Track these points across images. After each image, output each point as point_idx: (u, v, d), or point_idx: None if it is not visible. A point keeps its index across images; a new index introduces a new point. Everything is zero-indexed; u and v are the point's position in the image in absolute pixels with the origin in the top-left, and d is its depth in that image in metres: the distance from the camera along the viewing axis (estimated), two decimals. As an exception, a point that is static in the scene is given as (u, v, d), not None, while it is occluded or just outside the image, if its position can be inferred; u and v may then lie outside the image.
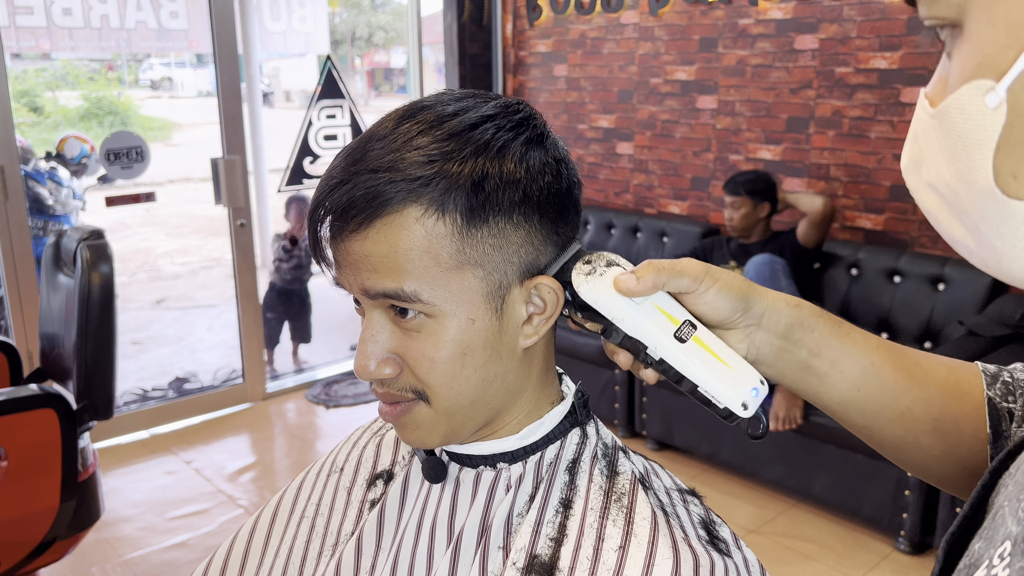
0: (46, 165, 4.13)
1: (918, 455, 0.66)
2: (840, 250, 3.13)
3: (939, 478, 0.68)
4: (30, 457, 1.86)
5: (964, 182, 0.42)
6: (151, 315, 5.53)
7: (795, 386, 0.66)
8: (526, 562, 0.61)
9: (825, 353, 0.64)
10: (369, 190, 0.58)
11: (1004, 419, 0.63)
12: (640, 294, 0.61)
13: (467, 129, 0.60)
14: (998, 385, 0.65)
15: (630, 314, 0.61)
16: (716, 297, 0.62)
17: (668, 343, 0.61)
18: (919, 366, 0.66)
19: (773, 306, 0.64)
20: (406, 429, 0.65)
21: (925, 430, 0.65)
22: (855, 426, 0.67)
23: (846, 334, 0.65)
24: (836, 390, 0.65)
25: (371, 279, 0.59)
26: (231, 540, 0.80)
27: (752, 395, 0.61)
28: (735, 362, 0.62)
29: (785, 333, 0.64)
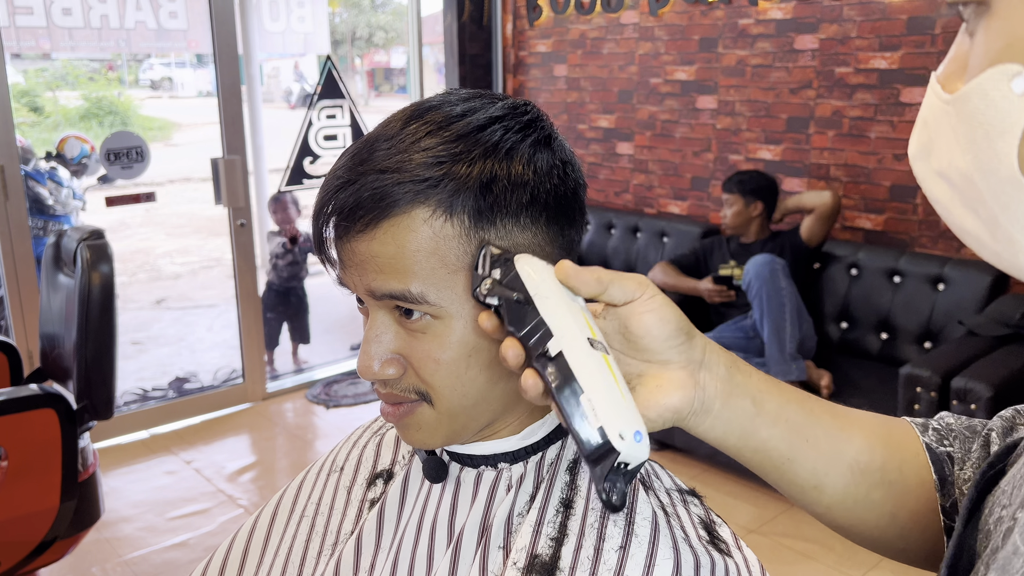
0: (46, 165, 4.13)
1: (872, 516, 0.62)
2: (840, 250, 3.13)
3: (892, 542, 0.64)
4: (30, 457, 1.86)
5: (984, 171, 0.40)
6: (151, 315, 5.53)
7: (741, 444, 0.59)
8: (527, 562, 0.61)
9: (767, 400, 0.58)
10: (376, 191, 0.58)
11: (946, 463, 0.62)
12: (580, 284, 0.55)
13: (475, 131, 0.59)
14: (930, 432, 0.63)
15: (555, 299, 0.55)
16: (662, 307, 0.55)
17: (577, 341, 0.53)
18: (850, 415, 0.63)
19: (710, 345, 0.58)
20: (409, 430, 0.65)
21: (874, 482, 0.61)
22: (806, 488, 0.61)
23: (776, 383, 0.60)
24: (785, 443, 0.59)
25: (377, 280, 0.59)
26: (231, 539, 0.80)
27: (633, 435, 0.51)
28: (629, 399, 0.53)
29: (727, 375, 0.57)
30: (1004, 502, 0.46)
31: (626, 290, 0.56)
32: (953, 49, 0.45)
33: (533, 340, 0.54)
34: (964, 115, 0.41)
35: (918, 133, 0.47)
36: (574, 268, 0.55)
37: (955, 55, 0.44)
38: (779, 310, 2.92)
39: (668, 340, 0.55)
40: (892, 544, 0.64)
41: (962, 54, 0.44)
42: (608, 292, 0.55)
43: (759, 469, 0.61)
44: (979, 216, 0.42)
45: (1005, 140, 0.39)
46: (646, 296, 0.55)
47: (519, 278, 0.56)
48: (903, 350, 2.97)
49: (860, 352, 3.10)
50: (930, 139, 0.45)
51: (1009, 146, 0.39)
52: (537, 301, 0.55)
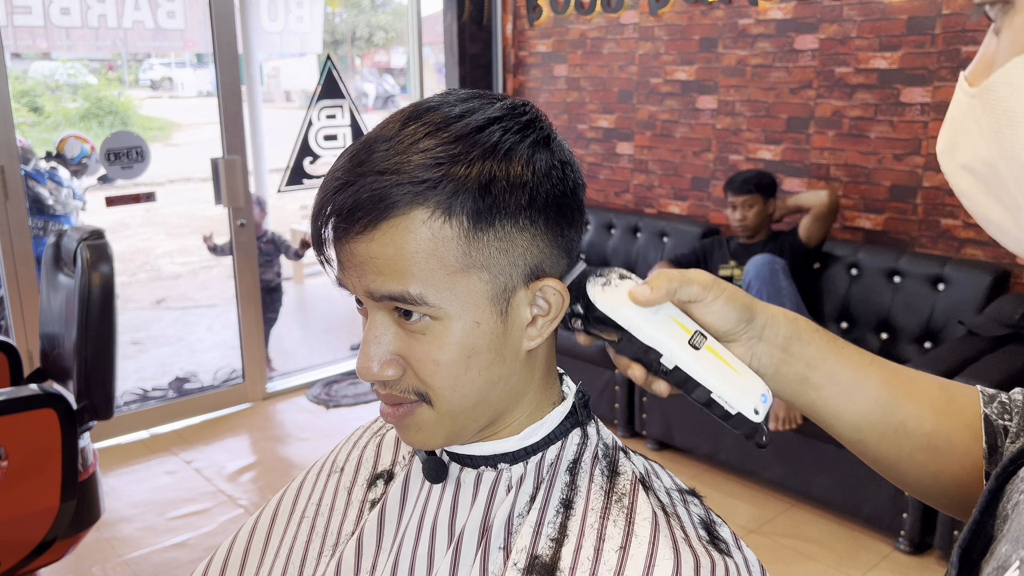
0: (46, 165, 4.12)
1: (913, 472, 0.67)
2: (840, 250, 3.13)
3: (933, 496, 0.68)
4: (30, 457, 1.86)
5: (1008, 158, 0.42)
6: (151, 315, 5.53)
7: (793, 399, 0.67)
8: (527, 562, 0.61)
9: (821, 366, 0.65)
10: (375, 192, 0.58)
11: (1000, 436, 0.64)
12: (654, 303, 0.63)
13: (473, 131, 0.59)
14: (995, 404, 0.66)
15: (645, 324, 0.63)
16: (724, 306, 0.64)
17: (682, 351, 0.63)
18: (912, 382, 0.67)
19: (773, 318, 0.65)
20: (408, 431, 0.65)
21: (919, 446, 0.65)
22: (850, 440, 0.68)
23: (841, 349, 0.66)
24: (831, 403, 0.66)
25: (376, 281, 0.59)
26: (231, 540, 0.80)
27: (761, 400, 0.63)
28: (744, 370, 0.64)
29: (784, 345, 0.65)
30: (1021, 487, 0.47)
31: (691, 294, 0.64)
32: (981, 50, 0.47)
33: (647, 360, 0.64)
34: (989, 105, 0.43)
35: (945, 130, 0.49)
36: (645, 295, 0.62)
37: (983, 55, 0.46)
38: (779, 310, 2.91)
39: (729, 330, 0.65)
40: (934, 499, 0.69)
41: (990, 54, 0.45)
42: (677, 296, 0.64)
43: (810, 415, 0.68)
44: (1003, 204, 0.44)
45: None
46: (709, 299, 0.64)
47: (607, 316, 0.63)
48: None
49: (860, 352, 3.09)
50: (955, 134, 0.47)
51: None
52: (632, 331, 0.63)
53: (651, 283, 0.63)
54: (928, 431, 0.65)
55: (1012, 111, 0.41)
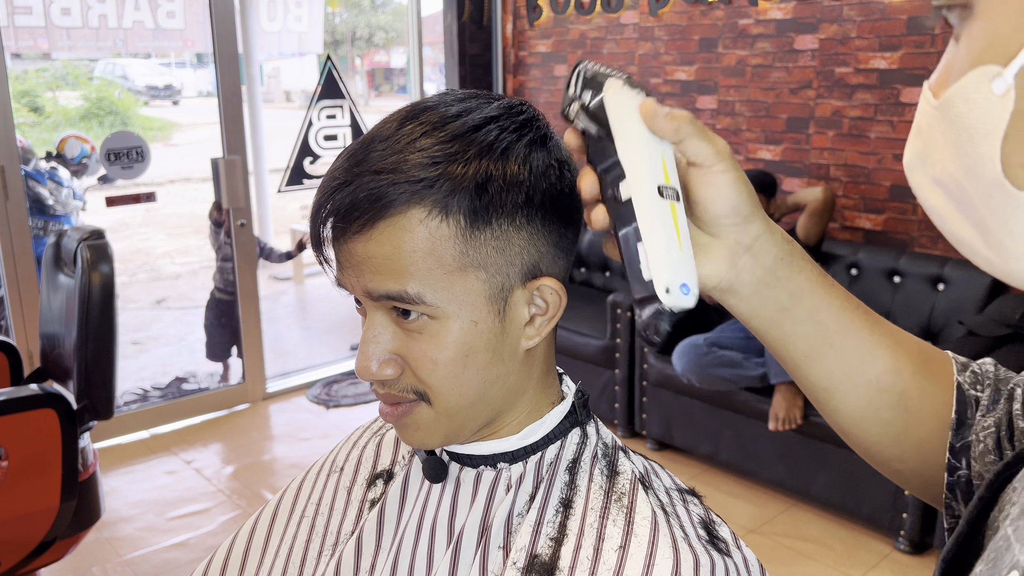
0: (46, 165, 4.13)
1: (875, 431, 0.62)
2: (840, 250, 3.13)
3: (887, 461, 0.64)
4: (30, 457, 1.86)
5: (971, 175, 0.40)
6: (151, 315, 5.53)
7: (764, 328, 0.59)
8: (526, 562, 0.61)
9: (806, 299, 0.58)
10: (372, 191, 0.58)
11: (971, 406, 0.61)
12: (661, 127, 0.54)
13: (470, 131, 0.59)
14: (967, 373, 0.63)
15: (632, 139, 0.55)
16: (727, 185, 0.55)
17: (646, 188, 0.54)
18: (893, 335, 0.62)
19: (769, 232, 0.57)
20: (407, 430, 0.65)
21: (889, 403, 0.61)
22: (816, 387, 0.61)
23: (830, 286, 0.60)
24: (807, 342, 0.59)
25: (374, 281, 0.59)
26: (231, 540, 0.80)
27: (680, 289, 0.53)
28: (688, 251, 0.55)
29: (772, 266, 0.57)
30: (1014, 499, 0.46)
31: (700, 152, 0.54)
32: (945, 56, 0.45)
33: (608, 178, 0.55)
34: (949, 119, 0.41)
35: (913, 141, 0.46)
36: (656, 111, 0.54)
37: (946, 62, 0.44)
38: (779, 310, 2.92)
39: (721, 219, 0.56)
40: (888, 463, 0.64)
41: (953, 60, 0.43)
42: (685, 144, 0.55)
43: (778, 354, 0.61)
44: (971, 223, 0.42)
45: (988, 143, 0.38)
46: (716, 169, 0.55)
47: (604, 109, 0.56)
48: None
49: (860, 352, 3.09)
50: (924, 147, 0.45)
51: (992, 148, 0.38)
52: (617, 140, 0.55)
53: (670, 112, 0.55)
54: (901, 389, 0.60)
55: (972, 127, 0.39)
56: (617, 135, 0.55)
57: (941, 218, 0.45)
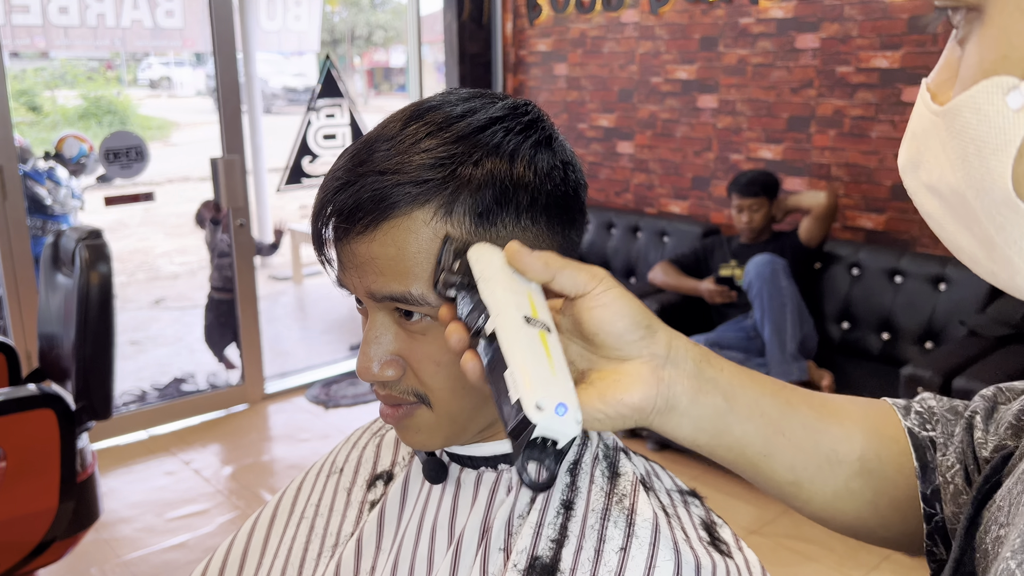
0: (44, 165, 4.12)
1: (851, 505, 0.60)
2: (841, 250, 3.13)
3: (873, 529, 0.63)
4: (29, 457, 1.86)
5: (977, 190, 0.38)
6: (150, 315, 5.52)
7: (714, 443, 0.56)
8: (527, 563, 0.60)
9: (741, 395, 0.55)
10: (376, 192, 0.57)
11: (927, 449, 0.60)
12: (529, 265, 0.53)
13: (475, 131, 0.59)
14: (912, 416, 0.62)
15: (498, 281, 0.53)
16: (614, 300, 0.52)
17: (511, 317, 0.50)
18: (830, 403, 0.61)
19: (677, 339, 0.54)
20: (408, 432, 0.64)
21: (852, 472, 0.59)
22: (781, 483, 0.59)
23: (750, 374, 0.57)
24: (760, 438, 0.56)
25: (377, 282, 0.59)
26: (230, 541, 0.79)
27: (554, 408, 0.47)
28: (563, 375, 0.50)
29: (696, 372, 0.54)
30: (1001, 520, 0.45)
31: (577, 282, 0.52)
32: (944, 56, 0.43)
33: (475, 322, 0.53)
34: (955, 129, 0.39)
35: (907, 145, 0.44)
36: (520, 251, 0.53)
37: (946, 62, 0.42)
38: (780, 310, 2.91)
39: (623, 336, 0.52)
40: (873, 532, 0.63)
41: (953, 61, 0.42)
42: (557, 280, 0.52)
43: (733, 466, 0.58)
44: (973, 234, 0.40)
45: (999, 158, 0.36)
46: (598, 290, 0.52)
47: (468, 262, 0.55)
48: (904, 350, 2.97)
49: (861, 352, 3.09)
50: (919, 151, 0.43)
51: (1003, 165, 0.36)
52: (480, 284, 0.53)
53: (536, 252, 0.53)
54: (859, 454, 0.59)
55: (981, 140, 0.37)
56: (480, 280, 0.53)
57: (939, 225, 0.43)
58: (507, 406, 0.49)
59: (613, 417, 0.52)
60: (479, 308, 0.52)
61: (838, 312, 3.14)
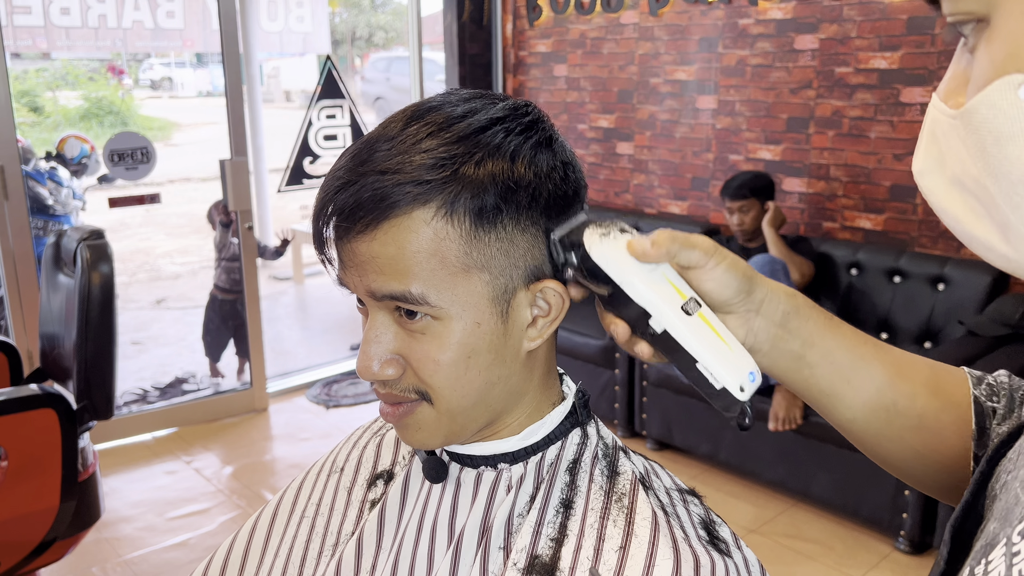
0: (46, 165, 4.12)
1: (900, 451, 0.67)
2: (840, 250, 3.13)
3: (918, 477, 0.69)
4: (30, 457, 1.86)
5: (995, 175, 0.42)
6: (151, 315, 5.53)
7: (786, 376, 0.66)
8: (527, 562, 0.61)
9: (818, 343, 0.64)
10: (377, 191, 0.58)
11: (989, 417, 0.65)
12: (653, 259, 0.60)
13: (476, 132, 0.59)
14: (983, 386, 0.67)
15: (638, 280, 0.60)
16: (724, 274, 0.61)
17: (673, 315, 0.59)
18: (904, 361, 0.67)
19: (772, 293, 0.63)
20: (408, 430, 0.65)
21: (909, 426, 0.65)
22: (841, 420, 0.67)
23: (837, 327, 0.66)
24: (826, 381, 0.65)
25: (377, 281, 0.59)
26: (231, 540, 0.80)
27: (749, 379, 0.60)
28: (735, 345, 0.61)
29: (782, 321, 0.63)
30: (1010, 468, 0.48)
31: (692, 258, 0.60)
32: (952, 67, 0.47)
33: (635, 321, 0.61)
34: (973, 125, 0.43)
35: (926, 148, 0.48)
36: (643, 248, 0.60)
37: (954, 73, 0.46)
38: (779, 310, 2.91)
39: (729, 299, 0.62)
40: (912, 474, 0.69)
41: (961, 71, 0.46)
42: (678, 259, 0.60)
43: (801, 396, 0.67)
44: (992, 220, 0.44)
45: (1015, 144, 0.41)
46: (710, 265, 0.61)
47: (597, 266, 0.60)
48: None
49: (860, 352, 3.09)
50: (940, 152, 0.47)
51: (1020, 149, 0.40)
52: (625, 287, 0.60)
53: (653, 239, 0.60)
54: (919, 411, 0.65)
55: (997, 131, 0.41)
56: (621, 282, 0.60)
57: (956, 220, 0.47)
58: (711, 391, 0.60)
59: None
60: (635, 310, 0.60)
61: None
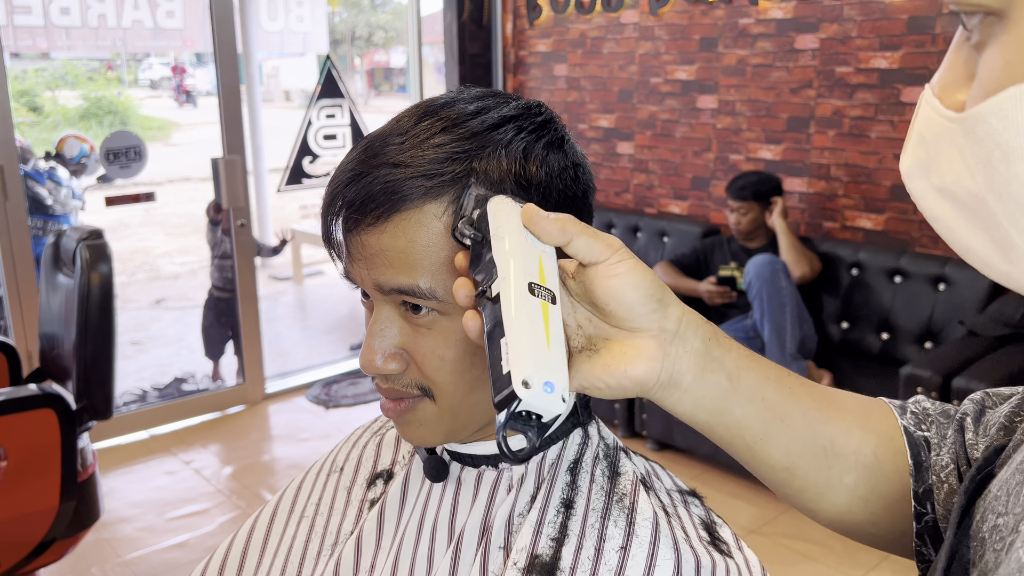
0: (45, 165, 4.12)
1: (842, 498, 0.61)
2: (840, 250, 3.13)
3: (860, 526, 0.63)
4: (29, 457, 1.86)
5: (999, 194, 0.38)
6: (150, 315, 5.52)
7: (712, 421, 0.56)
8: (527, 562, 0.61)
9: (744, 377, 0.55)
10: (388, 185, 0.58)
11: (922, 448, 0.61)
12: (545, 229, 0.52)
13: (488, 129, 0.59)
14: (908, 415, 0.62)
15: (512, 242, 0.52)
16: (628, 272, 0.52)
17: (516, 285, 0.51)
18: (830, 396, 0.61)
19: (689, 314, 0.54)
20: (409, 426, 0.65)
21: (848, 466, 0.60)
22: (776, 469, 0.59)
23: (760, 360, 0.57)
24: (759, 421, 0.56)
25: (386, 274, 0.59)
26: (230, 540, 0.79)
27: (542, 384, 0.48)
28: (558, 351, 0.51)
29: (703, 350, 0.54)
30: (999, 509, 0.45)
31: (592, 250, 0.52)
32: (949, 58, 0.42)
33: (482, 279, 0.53)
34: (977, 135, 0.38)
35: (914, 149, 0.44)
36: (538, 213, 0.53)
37: (953, 66, 0.42)
38: (780, 310, 2.91)
39: (636, 308, 0.52)
40: (861, 528, 0.63)
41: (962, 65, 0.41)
42: (573, 245, 0.52)
43: (729, 447, 0.58)
44: (991, 237, 0.40)
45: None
46: (613, 260, 0.52)
47: (486, 216, 0.54)
48: (904, 350, 2.97)
49: (861, 352, 3.10)
50: (929, 156, 0.42)
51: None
52: (494, 242, 0.53)
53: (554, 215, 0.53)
54: (855, 448, 0.60)
55: (1007, 145, 0.37)
56: (495, 237, 0.53)
57: (948, 228, 0.43)
58: (498, 374, 0.49)
59: (614, 388, 0.53)
60: (488, 267, 0.53)
61: (837, 312, 3.14)
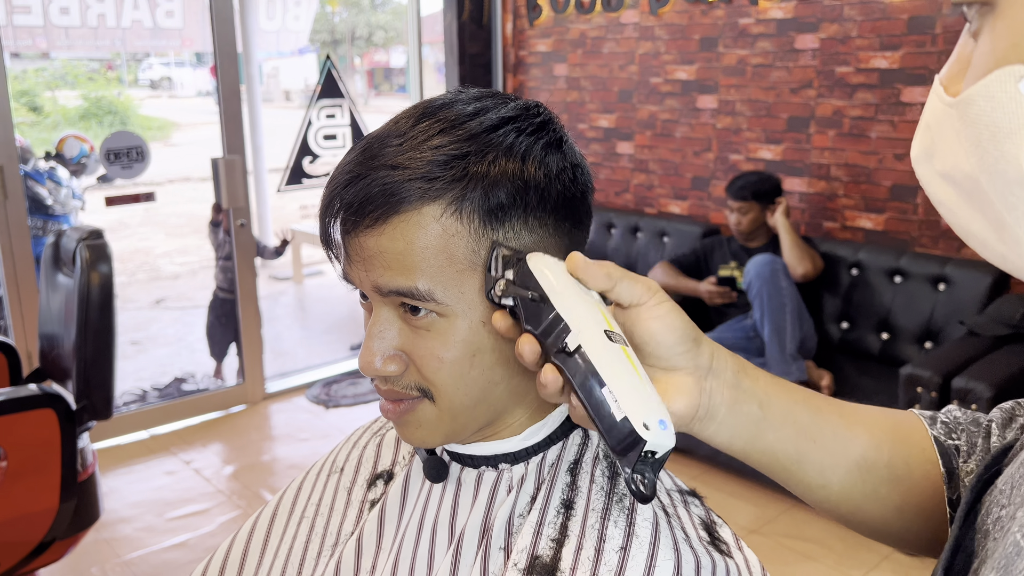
0: (45, 165, 4.12)
1: (878, 510, 0.63)
2: (840, 250, 3.13)
3: (898, 534, 0.65)
4: (29, 457, 1.86)
5: (990, 173, 0.40)
6: (150, 315, 5.52)
7: (748, 447, 0.59)
8: (527, 563, 0.61)
9: (775, 404, 0.58)
10: (386, 186, 0.58)
11: (953, 456, 0.62)
12: (592, 276, 0.55)
13: (487, 131, 0.59)
14: (938, 425, 0.64)
15: (569, 293, 0.55)
16: (668, 314, 0.55)
17: (596, 331, 0.53)
18: (858, 412, 0.63)
19: (719, 350, 0.58)
20: (408, 428, 0.64)
21: (881, 478, 0.62)
22: (813, 487, 0.62)
23: (786, 385, 0.60)
24: (792, 444, 0.59)
25: (384, 276, 0.59)
26: (230, 540, 0.79)
27: (658, 423, 0.50)
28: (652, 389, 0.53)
29: (734, 382, 0.57)
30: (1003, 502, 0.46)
31: (634, 292, 0.55)
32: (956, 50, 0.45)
33: (551, 337, 0.54)
34: (968, 118, 0.40)
35: (920, 136, 0.46)
36: (585, 261, 0.55)
37: (958, 56, 0.44)
38: (780, 310, 2.91)
39: (673, 347, 0.55)
40: (897, 534, 0.65)
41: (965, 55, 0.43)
42: (616, 289, 0.55)
43: (766, 470, 0.61)
44: (985, 217, 0.42)
45: (1013, 141, 0.38)
46: (653, 302, 0.55)
47: (532, 276, 0.56)
48: (904, 350, 2.97)
49: (861, 352, 3.09)
50: (932, 142, 0.45)
51: (1017, 147, 0.38)
52: (552, 297, 0.54)
53: (596, 261, 0.56)
54: (887, 461, 0.61)
55: (994, 125, 0.39)
56: (551, 293, 0.54)
57: (950, 212, 0.45)
58: (609, 421, 0.51)
59: None
60: (555, 323, 0.54)
61: (837, 312, 3.14)
